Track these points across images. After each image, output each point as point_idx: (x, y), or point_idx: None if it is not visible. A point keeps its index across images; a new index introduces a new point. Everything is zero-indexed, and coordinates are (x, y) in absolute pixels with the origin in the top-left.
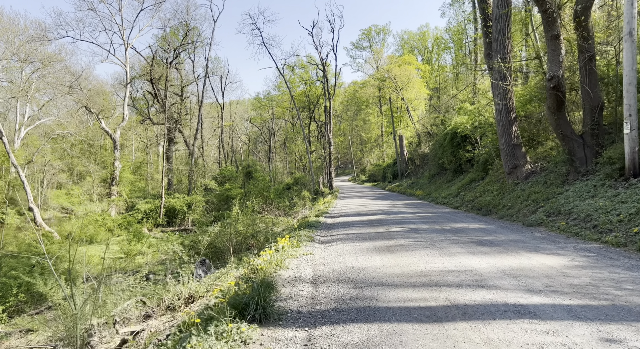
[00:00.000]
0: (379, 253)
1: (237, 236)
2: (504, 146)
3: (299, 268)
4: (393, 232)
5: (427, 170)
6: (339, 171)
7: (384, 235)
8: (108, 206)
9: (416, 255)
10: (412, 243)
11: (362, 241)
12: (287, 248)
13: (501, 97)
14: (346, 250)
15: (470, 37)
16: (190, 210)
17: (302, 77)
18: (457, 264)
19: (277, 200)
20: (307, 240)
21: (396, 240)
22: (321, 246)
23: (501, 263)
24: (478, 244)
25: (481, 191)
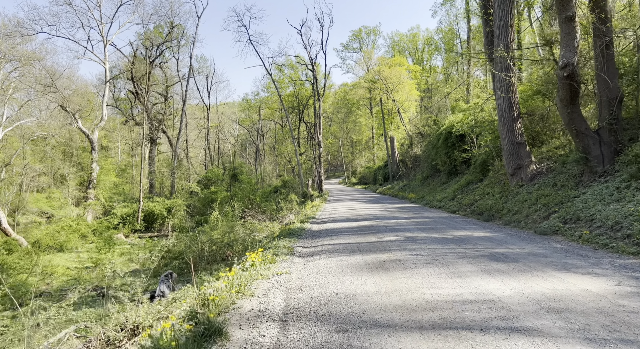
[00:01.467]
0: (370, 272)
1: (211, 245)
2: (506, 144)
3: (267, 296)
4: (387, 242)
5: (419, 172)
6: (329, 174)
7: (377, 246)
8: (84, 211)
9: (417, 275)
10: (411, 257)
11: (350, 254)
12: (257, 265)
13: (504, 90)
14: (331, 266)
15: (461, 38)
16: (170, 214)
17: (291, 78)
18: (472, 289)
19: (263, 203)
20: (285, 252)
21: (391, 253)
22: (301, 262)
23: (529, 287)
24: (491, 259)
25: (480, 194)
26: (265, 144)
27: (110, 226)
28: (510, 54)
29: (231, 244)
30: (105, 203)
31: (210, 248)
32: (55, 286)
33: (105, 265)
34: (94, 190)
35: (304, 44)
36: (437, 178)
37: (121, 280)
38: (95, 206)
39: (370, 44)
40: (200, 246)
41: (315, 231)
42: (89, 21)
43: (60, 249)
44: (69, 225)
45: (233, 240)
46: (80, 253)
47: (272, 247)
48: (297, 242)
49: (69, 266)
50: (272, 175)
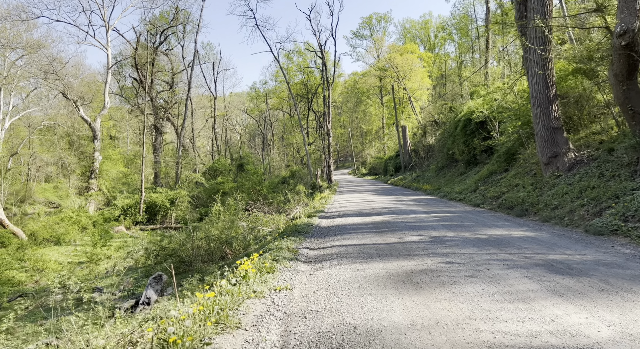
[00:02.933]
0: (397, 289)
1: (208, 242)
2: (540, 130)
3: (258, 328)
4: (410, 244)
5: (433, 162)
6: (338, 164)
7: (398, 250)
8: (86, 202)
9: (461, 295)
10: (445, 266)
11: (367, 260)
12: (251, 276)
13: (539, 68)
14: (344, 279)
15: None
16: (174, 205)
17: (299, 66)
18: (549, 325)
19: (270, 194)
20: (288, 257)
21: (418, 260)
22: (307, 270)
23: (633, 322)
24: (549, 269)
25: (507, 185)
26: (273, 134)
27: (111, 218)
28: (550, 22)
29: (230, 241)
30: (108, 194)
31: (208, 245)
32: (42, 285)
33: (100, 260)
34: (96, 180)
35: (313, 30)
36: (453, 169)
37: (110, 279)
38: (97, 196)
39: (381, 31)
40: (196, 243)
41: (324, 228)
42: (89, 5)
43: (57, 242)
44: (69, 217)
45: (232, 237)
46: (77, 246)
47: (273, 249)
48: (302, 242)
49: (63, 261)
50: (280, 166)
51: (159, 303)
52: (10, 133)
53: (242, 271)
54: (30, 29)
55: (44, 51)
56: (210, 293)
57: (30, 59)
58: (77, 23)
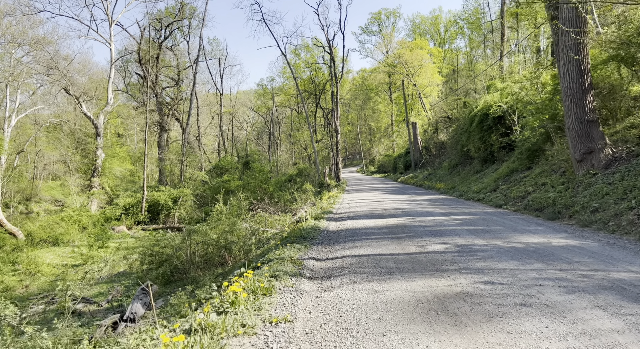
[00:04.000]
0: (429, 325)
1: (205, 247)
2: (573, 123)
3: None
4: (433, 254)
5: (446, 160)
6: (346, 162)
7: (422, 263)
8: (88, 200)
9: (521, 338)
10: (484, 287)
11: (385, 277)
12: (242, 301)
13: (573, 52)
14: (359, 306)
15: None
16: (177, 205)
17: (307, 61)
18: None
19: (277, 193)
20: (290, 272)
21: (448, 277)
22: (312, 290)
23: None
24: (623, 296)
25: (533, 184)
26: (281, 132)
27: (112, 217)
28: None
29: (229, 246)
30: (111, 192)
31: (205, 250)
32: (31, 290)
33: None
34: (99, 178)
35: (321, 25)
36: (468, 166)
37: (100, 287)
38: (100, 195)
39: (390, 27)
40: (191, 248)
41: (332, 233)
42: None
43: (55, 242)
44: (69, 216)
45: (231, 242)
46: (76, 247)
47: (274, 259)
48: (308, 251)
49: (58, 263)
50: (287, 164)
51: (145, 320)
52: (17, 130)
53: (232, 294)
54: (36, 25)
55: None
56: (179, 337)
57: (37, 56)
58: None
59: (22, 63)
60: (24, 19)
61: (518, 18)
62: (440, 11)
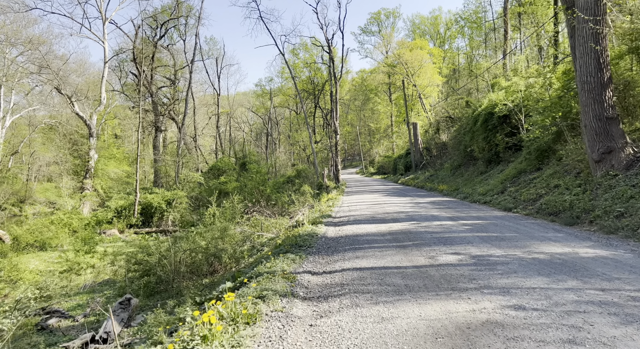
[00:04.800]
0: None
1: (193, 255)
2: (590, 120)
3: None
4: (446, 267)
5: (447, 161)
6: (346, 163)
7: (434, 279)
8: (80, 203)
9: None
10: (515, 314)
11: (393, 298)
12: (217, 336)
13: (588, 46)
14: (362, 342)
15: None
16: (170, 207)
17: (306, 61)
18: None
19: (275, 195)
20: (280, 291)
21: (469, 299)
22: (306, 317)
23: None
24: None
25: (544, 186)
26: (280, 133)
27: (104, 220)
28: None
29: (218, 255)
30: (104, 194)
31: (192, 259)
32: (9, 300)
33: (82, 269)
34: (91, 179)
35: (320, 24)
36: (472, 167)
37: (80, 297)
38: (92, 197)
39: (390, 27)
40: (177, 257)
41: (331, 240)
42: None
43: (42, 247)
44: (59, 219)
45: (221, 250)
46: (64, 252)
47: (263, 274)
48: (303, 262)
49: (43, 269)
50: (286, 165)
51: (121, 339)
52: (12, 131)
53: (203, 327)
54: (30, 24)
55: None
56: None
57: (32, 56)
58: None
59: (16, 64)
60: (19, 18)
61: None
62: (440, 11)
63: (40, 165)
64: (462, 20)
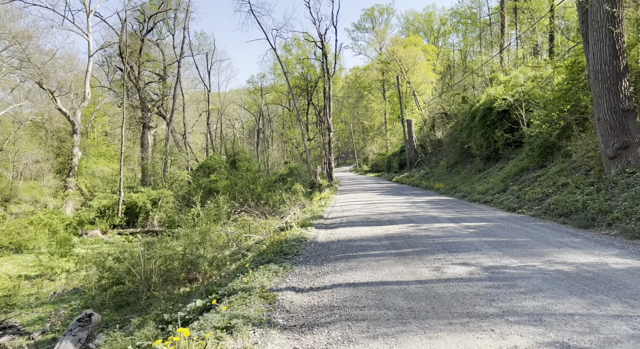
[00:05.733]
0: None
1: (168, 263)
2: (604, 113)
3: None
4: (457, 284)
5: (443, 159)
6: (339, 161)
7: (445, 301)
8: (62, 202)
9: None
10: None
11: (396, 330)
12: None
13: (603, 31)
14: None
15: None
16: (156, 207)
17: (298, 57)
18: None
19: (266, 194)
20: (254, 318)
21: (495, 334)
22: None
23: None
24: None
25: (550, 185)
26: (273, 130)
27: (85, 220)
28: None
29: (196, 262)
30: (88, 193)
31: (167, 267)
32: None
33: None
34: (74, 178)
35: (313, 19)
36: (469, 165)
37: (44, 309)
38: (75, 196)
39: (384, 24)
40: (152, 264)
41: (321, 245)
42: None
43: (18, 249)
44: (39, 219)
45: (198, 257)
46: (40, 254)
47: (238, 291)
48: (288, 274)
49: (14, 274)
50: (279, 163)
51: None
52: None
53: None
54: (15, 18)
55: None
56: None
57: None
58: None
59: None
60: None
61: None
62: (434, 8)
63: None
64: (457, 15)
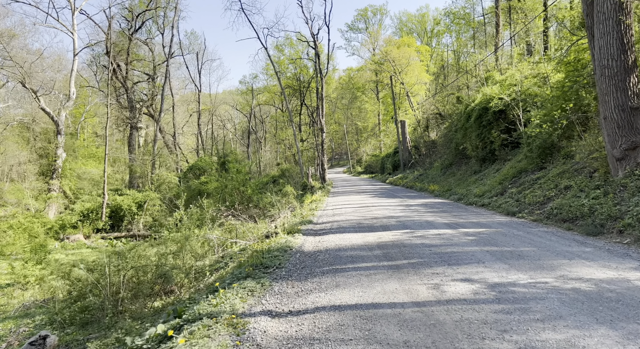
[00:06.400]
0: None
1: (140, 275)
2: (611, 111)
3: None
4: (460, 307)
5: (437, 160)
6: (333, 162)
7: (448, 332)
8: (44, 205)
9: None
10: None
11: None
12: None
13: (610, 23)
14: None
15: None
16: (142, 210)
17: (291, 57)
18: None
19: (256, 196)
20: None
21: None
22: None
23: None
24: None
25: (552, 188)
26: (266, 131)
27: (68, 224)
28: None
29: (169, 275)
30: (72, 196)
31: (139, 279)
32: None
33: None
34: (58, 180)
35: (305, 18)
36: (464, 166)
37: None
38: (58, 199)
39: (377, 24)
40: (122, 275)
41: (307, 256)
42: None
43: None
44: (19, 224)
45: (172, 269)
46: (16, 260)
47: (203, 317)
48: (265, 294)
49: None
50: (272, 164)
51: None
52: None
53: None
54: (1, 17)
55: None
56: None
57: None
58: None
59: None
60: None
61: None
62: (427, 9)
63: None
64: (450, 15)
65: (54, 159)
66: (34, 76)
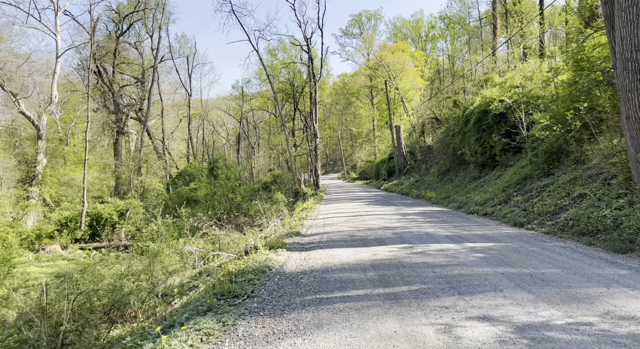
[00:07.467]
0: None
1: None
2: (636, 110)
3: None
4: None
5: (433, 165)
6: (327, 168)
7: None
8: (22, 213)
9: None
10: None
11: None
12: None
13: (634, 10)
14: None
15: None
16: (123, 218)
17: (284, 62)
18: None
19: (246, 203)
20: None
21: None
22: None
23: None
24: None
25: (565, 196)
26: (259, 137)
27: (44, 234)
28: None
29: (125, 301)
30: (52, 204)
31: (92, 305)
32: None
33: None
34: (38, 187)
35: (298, 22)
36: (462, 172)
37: None
38: (37, 207)
39: (371, 30)
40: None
41: (288, 279)
42: None
43: None
44: None
45: (128, 295)
46: None
47: None
48: (226, 338)
49: None
50: (265, 170)
51: None
52: None
53: None
54: None
55: None
56: None
57: None
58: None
59: None
60: None
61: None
62: (422, 14)
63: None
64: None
65: (33, 165)
66: (15, 79)
